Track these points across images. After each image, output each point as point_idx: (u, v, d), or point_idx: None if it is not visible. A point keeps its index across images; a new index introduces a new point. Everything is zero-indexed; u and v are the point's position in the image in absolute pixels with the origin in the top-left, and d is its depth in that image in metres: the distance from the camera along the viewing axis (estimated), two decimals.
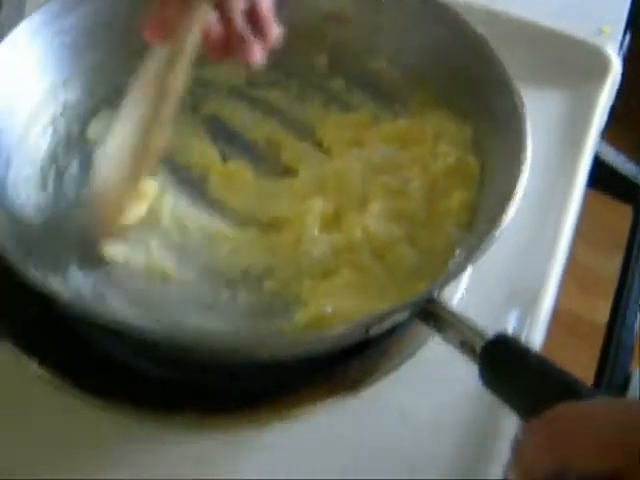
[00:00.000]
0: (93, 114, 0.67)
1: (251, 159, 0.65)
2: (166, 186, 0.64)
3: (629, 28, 0.80)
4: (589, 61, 0.74)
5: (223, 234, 0.61)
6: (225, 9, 0.56)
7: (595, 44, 0.75)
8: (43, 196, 0.62)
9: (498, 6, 0.76)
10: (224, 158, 0.65)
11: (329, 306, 0.55)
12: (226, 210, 0.63)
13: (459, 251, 0.56)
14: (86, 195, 0.60)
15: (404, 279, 0.56)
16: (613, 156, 0.79)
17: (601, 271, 1.19)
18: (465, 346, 0.48)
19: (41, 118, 0.64)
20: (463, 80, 0.63)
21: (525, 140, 0.57)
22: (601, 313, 1.03)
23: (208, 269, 0.59)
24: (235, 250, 0.60)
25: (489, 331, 0.47)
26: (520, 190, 0.54)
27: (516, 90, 0.59)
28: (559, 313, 0.62)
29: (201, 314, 0.57)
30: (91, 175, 0.60)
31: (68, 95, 0.66)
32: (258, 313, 0.57)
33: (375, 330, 0.50)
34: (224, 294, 0.58)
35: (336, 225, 0.59)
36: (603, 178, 0.74)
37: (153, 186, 0.62)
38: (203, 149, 0.65)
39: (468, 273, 0.59)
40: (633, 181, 0.82)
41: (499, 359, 0.46)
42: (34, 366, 0.54)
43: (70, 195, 0.63)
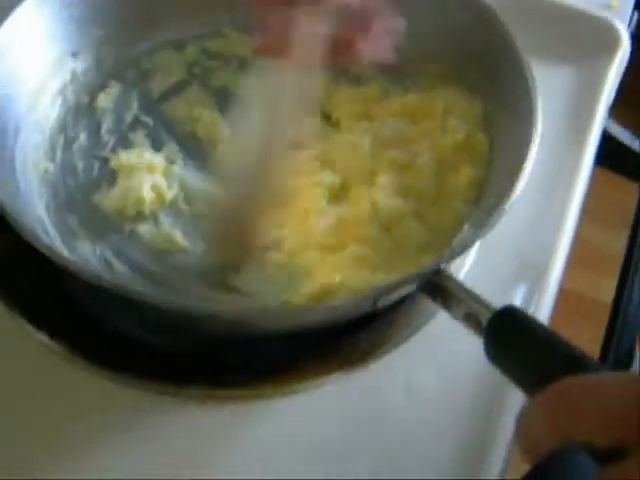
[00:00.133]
0: (102, 85, 0.67)
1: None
2: (175, 157, 0.64)
3: (638, 7, 0.79)
4: (598, 36, 0.73)
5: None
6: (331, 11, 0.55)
7: (604, 18, 0.74)
8: (51, 166, 0.62)
9: None
10: (232, 129, 0.65)
11: (335, 278, 0.54)
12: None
13: (467, 226, 0.56)
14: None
15: (411, 253, 0.56)
16: (620, 133, 0.78)
17: (605, 249, 1.19)
18: (470, 319, 0.48)
19: (50, 87, 0.64)
20: (474, 55, 0.63)
21: (535, 117, 0.56)
22: (605, 291, 1.03)
23: (214, 239, 0.59)
24: None
25: (496, 303, 0.47)
26: (529, 167, 0.54)
27: (528, 66, 0.59)
28: (563, 291, 0.62)
29: (207, 286, 0.57)
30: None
31: (77, 65, 0.66)
32: (265, 285, 0.57)
33: (383, 302, 0.50)
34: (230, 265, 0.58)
35: (344, 198, 0.59)
36: (610, 155, 0.74)
37: (160, 158, 0.63)
38: (212, 121, 0.65)
39: (475, 248, 0.59)
40: None
41: (506, 332, 0.46)
42: (44, 339, 0.54)
43: (78, 165, 0.63)
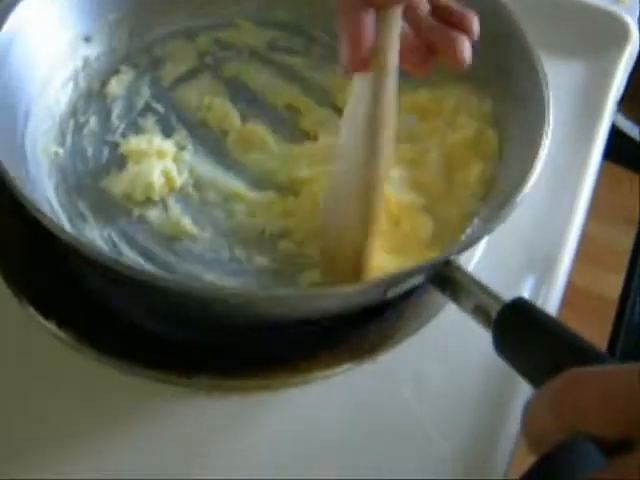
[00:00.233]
0: (114, 71, 0.67)
1: (270, 123, 0.65)
2: (185, 144, 0.64)
3: None
4: (607, 30, 0.74)
5: (240, 195, 0.61)
6: (412, 15, 0.52)
7: (613, 13, 0.74)
8: (61, 150, 0.62)
9: None
10: (243, 119, 0.65)
11: None
12: (244, 171, 0.62)
13: (476, 220, 0.56)
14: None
15: (419, 247, 0.56)
16: (629, 127, 0.78)
17: (611, 245, 1.19)
18: (479, 311, 0.48)
19: (62, 72, 0.65)
20: (485, 51, 0.63)
21: (547, 115, 0.56)
22: (610, 287, 1.03)
23: (224, 228, 0.59)
24: (252, 211, 0.60)
25: (511, 295, 0.47)
26: (540, 163, 0.54)
27: (539, 62, 0.59)
28: (569, 286, 0.62)
29: (216, 273, 0.57)
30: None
31: (89, 50, 0.67)
32: (273, 274, 0.57)
33: (392, 292, 0.50)
34: (239, 254, 0.58)
35: None
36: (618, 149, 0.74)
37: (170, 144, 0.63)
38: (223, 110, 0.65)
39: (484, 242, 0.59)
40: None
41: (514, 324, 0.46)
42: (52, 327, 0.54)
43: (88, 150, 0.63)
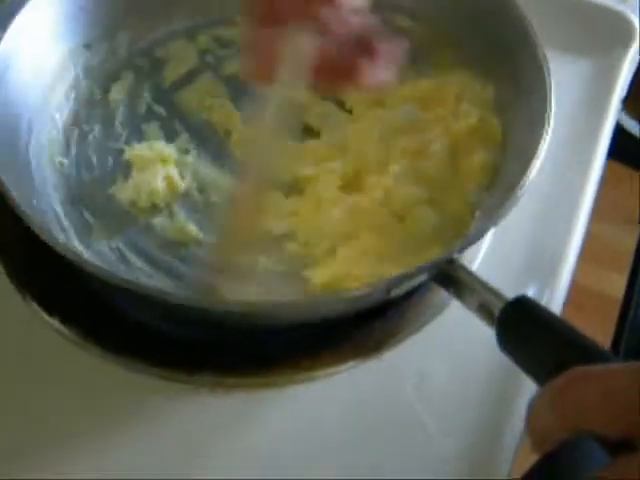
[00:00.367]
0: (115, 77, 0.67)
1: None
2: (188, 147, 0.64)
3: None
4: (612, 28, 0.73)
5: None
6: (332, 32, 0.53)
7: (618, 11, 0.74)
8: (66, 160, 0.62)
9: None
10: (246, 120, 0.65)
11: (348, 267, 0.55)
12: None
13: (479, 213, 0.56)
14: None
15: (423, 241, 0.56)
16: (633, 126, 0.77)
17: (613, 244, 1.18)
18: (483, 309, 0.48)
19: (63, 81, 0.65)
20: (488, 40, 0.62)
21: (549, 103, 0.56)
22: (611, 286, 1.02)
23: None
24: None
25: (515, 293, 0.46)
26: (542, 152, 0.53)
27: (542, 51, 0.58)
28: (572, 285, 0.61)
29: (222, 277, 0.56)
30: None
31: (89, 58, 0.67)
32: (277, 275, 0.57)
33: (396, 292, 0.50)
34: (244, 257, 0.58)
35: (357, 186, 0.59)
36: (622, 147, 0.73)
37: (172, 149, 0.63)
38: (224, 110, 0.65)
39: (488, 240, 0.59)
40: None
41: (518, 322, 0.46)
42: (56, 324, 0.55)
43: (93, 158, 0.63)
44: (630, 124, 0.78)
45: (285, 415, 0.53)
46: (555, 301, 0.58)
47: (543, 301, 0.57)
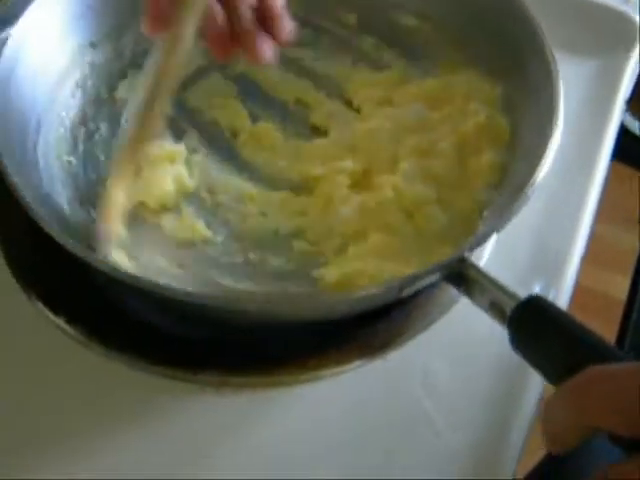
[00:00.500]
0: (121, 75, 0.67)
1: (281, 119, 0.65)
2: (196, 146, 0.64)
3: None
4: (616, 29, 0.73)
5: (252, 196, 0.61)
6: (231, 2, 0.55)
7: (623, 12, 0.74)
8: (73, 158, 0.62)
9: None
10: (253, 118, 0.65)
11: (358, 267, 0.55)
12: (255, 171, 0.62)
13: (487, 212, 0.56)
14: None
15: (432, 240, 0.56)
16: (636, 127, 0.78)
17: (615, 245, 1.18)
18: (495, 308, 0.48)
19: (70, 79, 0.65)
20: (496, 39, 0.62)
21: (557, 102, 0.56)
22: (614, 287, 1.02)
23: (237, 231, 0.59)
24: (264, 212, 0.60)
25: (520, 293, 0.46)
26: (552, 152, 0.54)
27: (550, 51, 0.58)
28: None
29: (231, 276, 0.57)
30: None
31: (96, 56, 0.66)
32: (287, 274, 0.57)
33: (408, 290, 0.50)
34: (253, 255, 0.58)
35: (366, 185, 0.59)
36: (625, 148, 0.73)
37: (181, 147, 0.63)
38: (233, 109, 0.65)
39: (492, 240, 0.59)
40: None
41: (531, 321, 0.46)
42: (61, 323, 0.55)
43: (100, 157, 0.63)
44: (634, 125, 0.78)
45: (291, 414, 0.53)
46: (560, 301, 0.58)
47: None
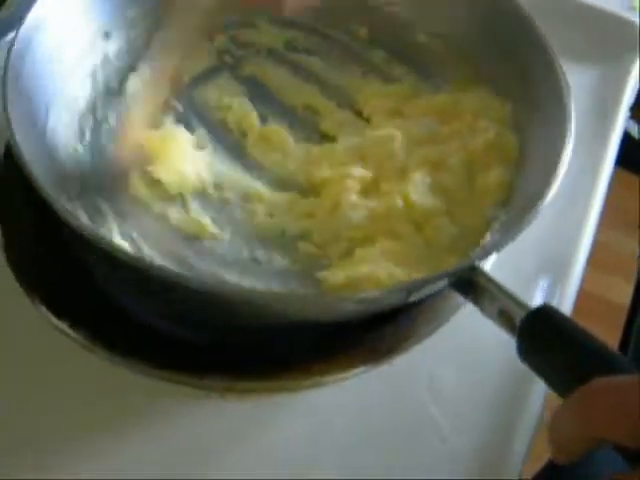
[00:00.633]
0: (132, 68, 0.67)
1: (289, 123, 0.65)
2: (205, 144, 0.64)
3: None
4: (621, 36, 0.74)
5: (260, 195, 0.61)
6: None
7: (627, 19, 0.75)
8: (80, 147, 0.62)
9: None
10: (262, 120, 0.65)
11: (364, 271, 0.54)
12: (264, 171, 0.63)
13: (497, 225, 0.57)
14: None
15: (440, 251, 0.56)
16: (637, 132, 0.79)
17: (616, 250, 1.18)
18: (503, 317, 0.48)
19: (81, 68, 0.64)
20: (506, 57, 0.63)
21: (568, 121, 0.56)
22: (617, 292, 1.03)
23: (243, 229, 0.59)
24: (271, 212, 0.60)
25: (531, 302, 0.47)
26: (562, 170, 0.54)
27: (561, 69, 0.59)
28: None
29: (235, 273, 0.57)
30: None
31: (108, 46, 0.66)
32: (292, 275, 0.57)
33: (415, 296, 0.51)
34: (259, 254, 0.58)
35: (375, 192, 0.59)
36: (629, 155, 0.74)
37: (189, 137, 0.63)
38: (242, 110, 0.65)
39: None
40: None
41: (540, 331, 0.46)
42: (65, 327, 0.54)
43: (107, 147, 0.63)
44: (636, 131, 0.79)
45: (297, 419, 0.52)
46: (564, 306, 0.58)
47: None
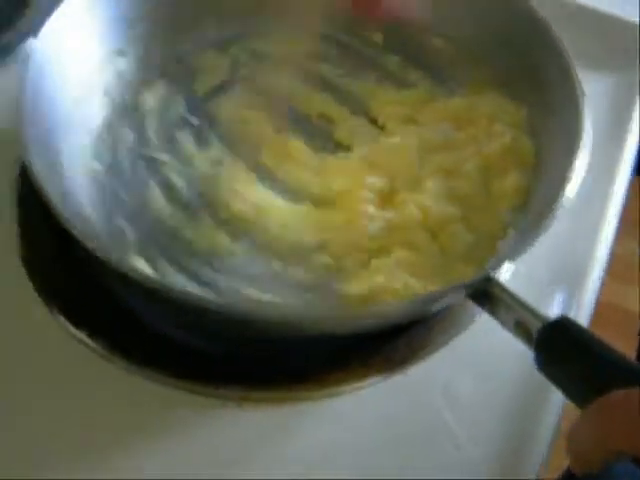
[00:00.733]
0: (148, 84, 0.67)
1: (304, 134, 0.65)
2: (220, 155, 0.64)
3: None
4: (634, 41, 0.73)
5: (275, 206, 0.61)
6: None
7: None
8: (98, 165, 0.62)
9: None
10: (278, 131, 0.65)
11: (381, 282, 0.54)
12: (278, 183, 0.62)
13: (513, 232, 0.56)
14: None
15: (456, 259, 0.56)
16: None
17: (631, 258, 1.18)
18: (520, 328, 0.47)
19: (96, 86, 0.65)
20: (521, 61, 0.63)
21: (582, 126, 0.56)
22: (633, 300, 1.02)
23: (259, 241, 0.59)
24: (287, 223, 0.60)
25: (548, 313, 0.47)
26: (576, 174, 0.54)
27: (575, 73, 0.58)
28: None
29: (254, 287, 0.57)
30: None
31: (122, 64, 0.67)
32: (308, 287, 0.57)
33: (432, 308, 0.50)
34: (274, 266, 0.58)
35: (391, 202, 0.59)
36: None
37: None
38: (258, 121, 0.65)
39: None
40: None
41: (558, 343, 0.45)
42: (83, 337, 0.54)
43: (125, 165, 0.63)
44: None
45: (312, 429, 0.52)
46: (581, 316, 0.58)
47: (570, 316, 0.57)
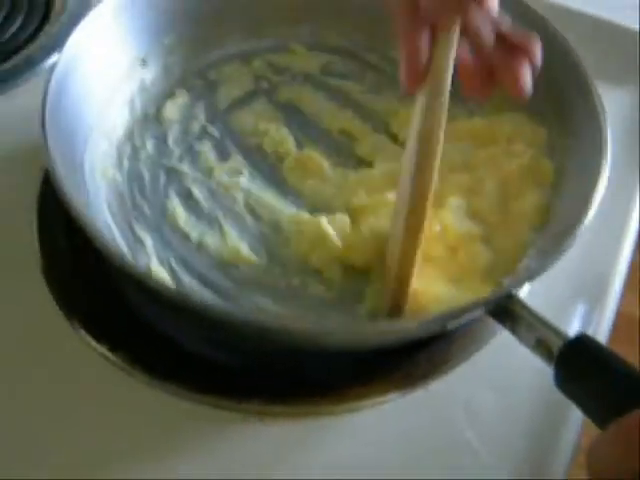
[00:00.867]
0: (169, 95, 0.68)
1: (326, 149, 0.66)
2: (241, 168, 0.64)
3: None
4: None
5: (296, 221, 0.61)
6: (473, 34, 0.50)
7: None
8: (118, 174, 0.63)
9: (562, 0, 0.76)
10: (298, 145, 0.66)
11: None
12: (300, 198, 0.63)
13: (533, 251, 0.56)
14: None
15: (475, 276, 0.56)
16: None
17: None
18: (541, 346, 0.48)
19: (119, 95, 0.65)
20: (542, 81, 0.62)
21: (604, 146, 0.56)
22: None
23: (279, 255, 0.60)
24: (307, 237, 0.60)
25: (569, 331, 0.47)
26: (600, 195, 0.54)
27: (597, 93, 0.59)
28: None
29: (272, 300, 0.57)
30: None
31: (145, 74, 0.67)
32: (328, 301, 0.57)
33: (453, 324, 0.50)
34: (295, 281, 0.58)
35: None
36: None
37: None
38: (279, 135, 0.66)
39: None
40: None
41: (578, 361, 0.46)
42: (105, 351, 0.55)
43: (145, 174, 0.63)
44: None
45: (333, 444, 0.53)
46: (601, 332, 0.58)
47: (589, 333, 0.57)
